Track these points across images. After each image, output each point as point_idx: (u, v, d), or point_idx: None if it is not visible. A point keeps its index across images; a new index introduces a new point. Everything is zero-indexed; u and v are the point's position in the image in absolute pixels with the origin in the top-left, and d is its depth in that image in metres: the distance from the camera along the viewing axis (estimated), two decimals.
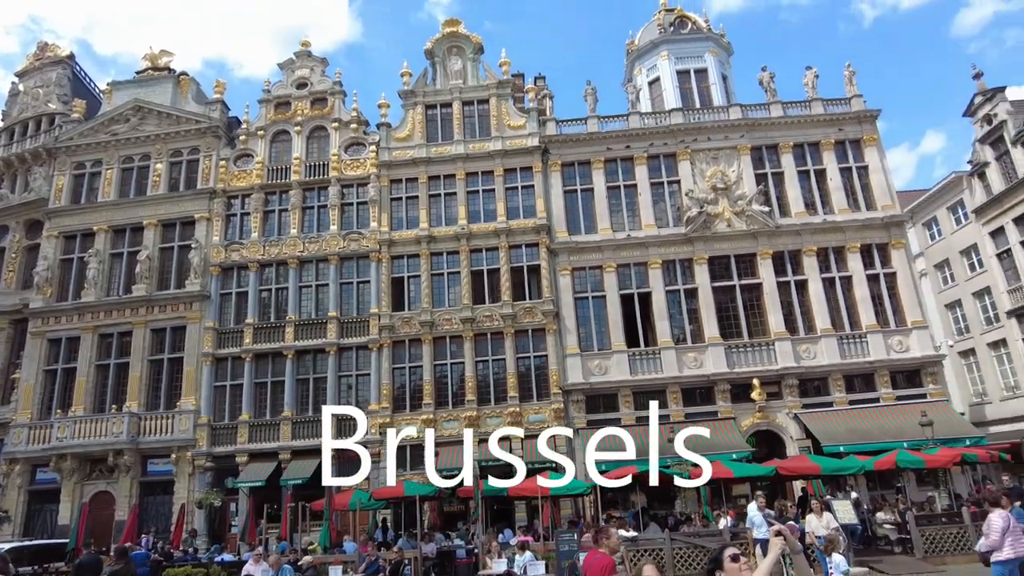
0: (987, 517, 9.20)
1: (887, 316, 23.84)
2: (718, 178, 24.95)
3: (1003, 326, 28.01)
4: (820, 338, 23.30)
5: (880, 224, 24.62)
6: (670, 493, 21.95)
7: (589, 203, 25.32)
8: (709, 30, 29.26)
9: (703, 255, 24.23)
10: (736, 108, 26.19)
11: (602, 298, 24.16)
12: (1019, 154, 26.50)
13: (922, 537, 14.91)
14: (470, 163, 25.71)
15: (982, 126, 28.45)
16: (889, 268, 24.35)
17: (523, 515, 21.86)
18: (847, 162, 25.60)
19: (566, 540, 14.88)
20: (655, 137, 25.64)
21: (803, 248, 24.32)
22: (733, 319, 23.88)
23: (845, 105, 26.29)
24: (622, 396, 22.93)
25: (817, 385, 23.19)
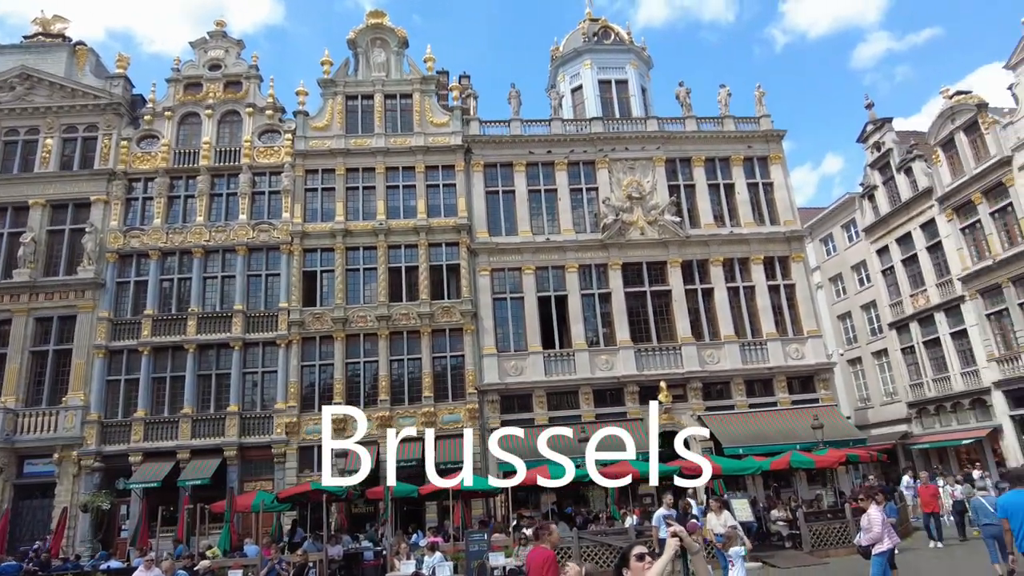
0: (866, 513, 9.88)
1: (786, 325, 25.33)
2: (634, 187, 25.72)
3: (885, 337, 30.44)
4: (724, 344, 24.46)
5: (782, 238, 26.13)
6: (580, 493, 22.44)
7: (510, 205, 25.47)
8: (631, 43, 30.13)
9: (617, 261, 24.90)
10: (653, 121, 27.10)
11: (520, 299, 24.35)
12: (903, 180, 28.87)
13: (810, 532, 15.90)
14: (391, 157, 25.28)
15: (872, 152, 30.80)
16: (789, 280, 25.87)
17: (434, 516, 21.67)
18: (754, 178, 27.02)
19: (476, 540, 14.86)
20: (576, 144, 26.13)
21: (711, 258, 25.44)
22: (643, 324, 24.67)
23: (754, 124, 27.73)
24: (536, 397, 23.20)
25: (720, 389, 24.30)
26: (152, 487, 20.55)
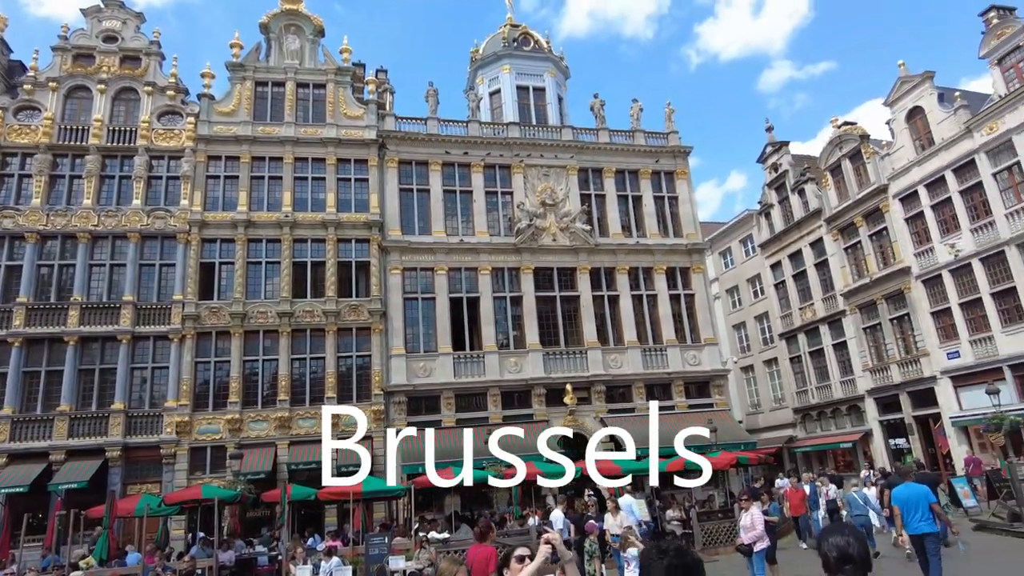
0: (749, 512, 10.47)
1: (685, 333, 26.47)
2: (547, 194, 26.13)
3: (776, 347, 32.44)
4: (627, 349, 25.25)
5: (684, 250, 27.30)
6: (486, 494, 22.47)
7: (425, 204, 25.22)
8: (550, 51, 30.62)
9: (530, 265, 25.19)
10: (568, 130, 27.65)
11: (432, 300, 24.13)
12: (796, 200, 30.91)
13: (702, 531, 16.65)
14: (300, 148, 24.40)
15: (770, 173, 32.80)
16: (689, 290, 27.06)
17: (333, 519, 21.04)
18: (661, 192, 28.10)
19: (376, 544, 14.57)
20: (493, 147, 26.23)
21: (617, 266, 26.22)
22: (553, 327, 25.07)
23: (663, 139, 28.86)
24: (445, 398, 23.04)
25: (622, 392, 25.06)
26: (18, 492, 18.77)
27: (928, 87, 24.62)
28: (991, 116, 22.06)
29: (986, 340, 22.28)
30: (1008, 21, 22.10)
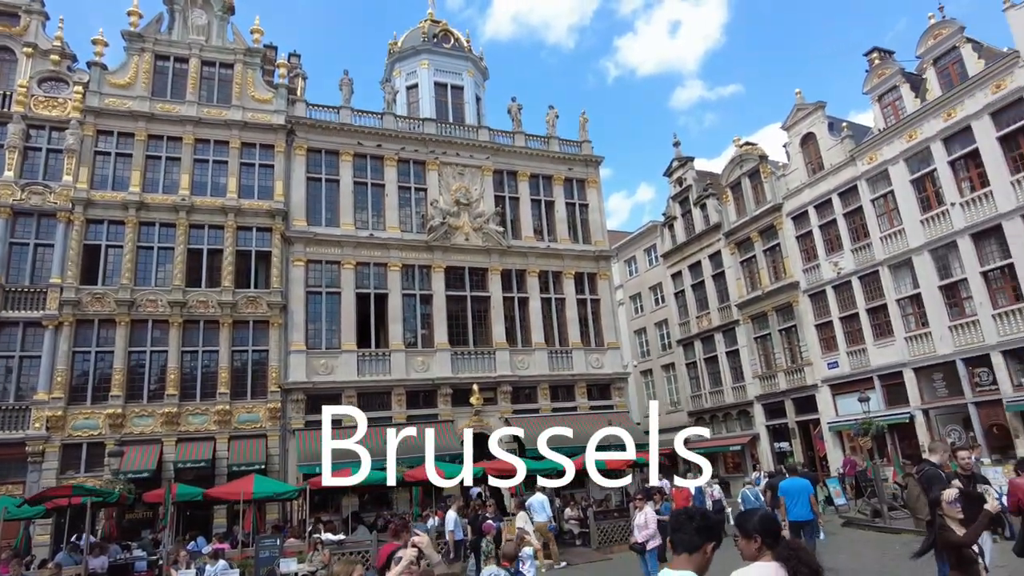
0: (643, 512, 10.82)
1: (590, 336, 27.10)
2: (462, 193, 26.03)
3: (673, 352, 33.83)
4: (535, 351, 25.55)
5: (593, 256, 27.97)
6: (385, 495, 22.03)
7: (334, 195, 24.45)
8: (470, 50, 30.56)
9: (441, 264, 24.98)
10: (485, 130, 27.68)
11: (337, 295, 23.42)
12: (698, 214, 32.40)
13: (598, 530, 17.06)
14: (202, 129, 23.02)
15: (675, 186, 34.23)
16: (596, 295, 27.74)
17: (223, 521, 19.96)
18: (572, 198, 28.66)
19: (267, 546, 13.96)
20: (408, 142, 25.83)
21: (528, 269, 26.49)
22: (462, 327, 24.98)
23: (577, 147, 29.47)
24: (346, 397, 22.40)
25: (528, 393, 25.31)
26: None
27: (820, 115, 26.48)
28: (871, 147, 24.00)
29: (860, 352, 24.19)
30: (887, 63, 24.13)
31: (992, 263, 20.28)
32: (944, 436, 20.40)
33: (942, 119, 21.62)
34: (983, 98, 20.44)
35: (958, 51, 21.46)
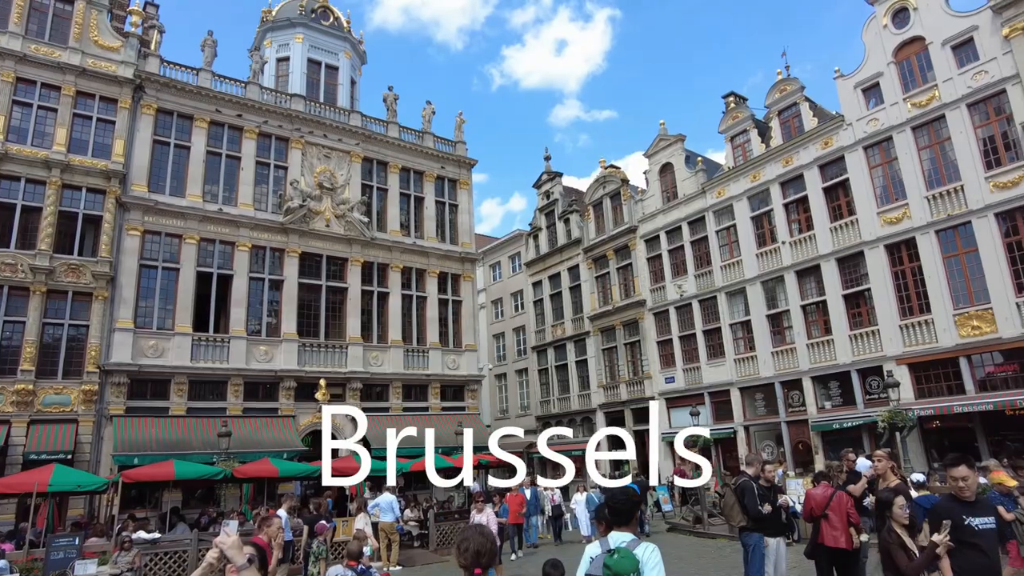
0: (483, 514, 10.86)
1: (448, 337, 26.98)
2: (326, 177, 24.91)
3: (528, 358, 34.62)
4: (390, 348, 24.97)
5: (458, 257, 27.91)
6: (213, 491, 20.42)
7: (182, 162, 22.35)
8: (349, 32, 29.43)
9: (297, 249, 23.70)
10: (357, 115, 26.73)
11: (175, 271, 21.41)
12: (562, 227, 33.47)
13: (437, 532, 16.89)
14: (27, 68, 20.06)
15: (543, 199, 35.13)
16: (458, 296, 27.70)
17: (11, 518, 17.38)
18: (443, 197, 28.46)
19: (61, 546, 12.33)
20: (272, 116, 24.28)
21: (391, 264, 25.88)
22: (314, 318, 23.84)
23: (451, 147, 29.31)
24: (176, 384, 20.51)
25: (379, 390, 24.67)
26: None
27: (679, 148, 28.37)
28: (721, 182, 26.09)
29: (695, 369, 26.13)
30: (741, 108, 26.39)
31: (810, 298, 22.75)
32: (759, 450, 22.52)
33: (781, 165, 23.97)
34: (814, 151, 22.92)
35: (798, 107, 23.93)
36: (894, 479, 6.41)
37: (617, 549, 3.52)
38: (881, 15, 21.31)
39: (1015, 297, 17.70)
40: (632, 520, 3.72)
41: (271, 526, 6.62)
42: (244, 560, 2.71)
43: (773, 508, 7.90)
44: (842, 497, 7.20)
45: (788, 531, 9.43)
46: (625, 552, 3.48)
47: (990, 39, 18.80)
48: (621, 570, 3.41)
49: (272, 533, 6.60)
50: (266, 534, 6.44)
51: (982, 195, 18.55)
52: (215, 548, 2.70)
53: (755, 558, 7.95)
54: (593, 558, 3.61)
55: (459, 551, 3.24)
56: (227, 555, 2.68)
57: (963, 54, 19.48)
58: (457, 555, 3.29)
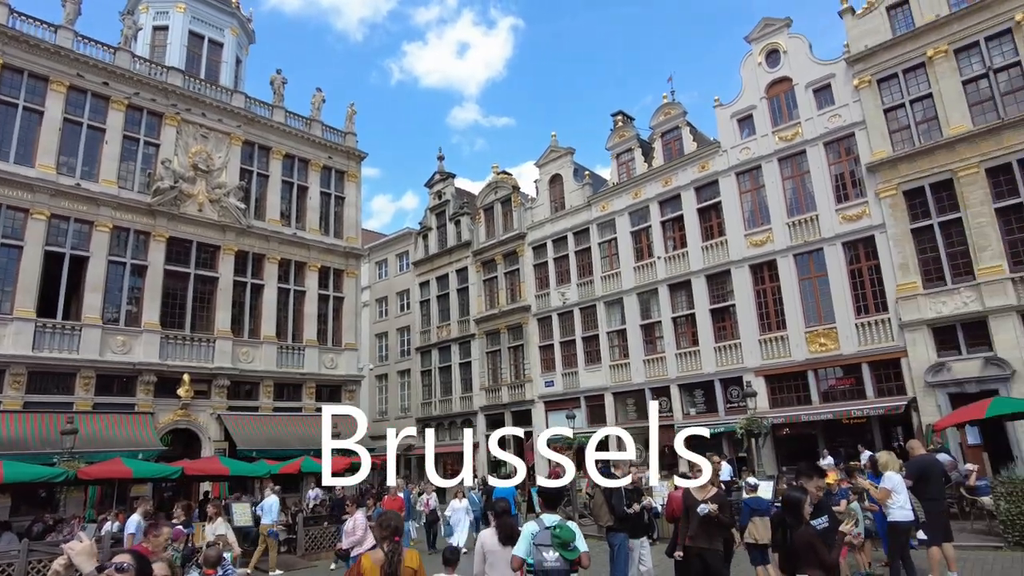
0: (353, 517, 10.55)
1: (327, 334, 26.06)
2: (202, 158, 23.33)
3: (411, 359, 34.18)
4: (262, 344, 23.74)
5: (342, 252, 27.07)
6: (52, 496, 18.41)
7: (32, 128, 20.01)
8: (238, 8, 27.81)
9: (164, 233, 21.98)
10: (241, 96, 25.28)
11: (18, 249, 19.16)
12: (452, 228, 33.40)
13: (305, 536, 16.21)
14: None
15: (435, 199, 34.90)
16: (340, 293, 26.84)
17: None
18: (329, 189, 27.51)
19: None
20: (145, 88, 22.40)
21: (268, 255, 24.64)
22: (179, 308, 22.20)
23: (341, 137, 28.41)
24: (13, 375, 18.32)
25: (249, 389, 23.37)
26: None
27: (568, 160, 29.19)
28: (605, 197, 27.11)
29: (573, 374, 26.93)
30: (628, 127, 27.59)
31: (681, 311, 24.14)
32: None
33: (661, 184, 25.28)
34: (692, 174, 24.39)
35: (680, 131, 25.38)
36: (712, 489, 6.94)
37: (558, 524, 4.90)
38: (757, 53, 23.09)
39: (855, 318, 19.75)
40: (559, 506, 5.23)
41: (159, 536, 5.59)
42: (93, 568, 2.43)
43: (641, 509, 8.28)
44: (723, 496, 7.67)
45: (650, 531, 9.93)
46: (564, 525, 4.91)
47: (844, 87, 20.91)
48: (567, 537, 4.84)
49: (159, 545, 5.55)
50: (152, 545, 5.45)
51: (832, 225, 20.56)
52: (63, 555, 2.43)
53: (620, 557, 8.30)
54: (534, 533, 4.90)
55: (380, 526, 4.69)
56: (75, 562, 2.41)
57: (823, 97, 21.52)
58: (378, 529, 4.70)
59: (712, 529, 6.77)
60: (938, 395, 17.76)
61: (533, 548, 4.85)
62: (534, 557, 4.85)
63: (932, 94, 19.22)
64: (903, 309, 18.72)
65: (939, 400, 17.67)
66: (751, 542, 8.29)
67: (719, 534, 6.86)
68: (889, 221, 19.37)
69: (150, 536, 5.62)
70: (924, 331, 18.33)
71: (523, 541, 4.89)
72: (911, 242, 19.01)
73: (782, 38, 22.53)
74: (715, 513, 6.67)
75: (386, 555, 4.42)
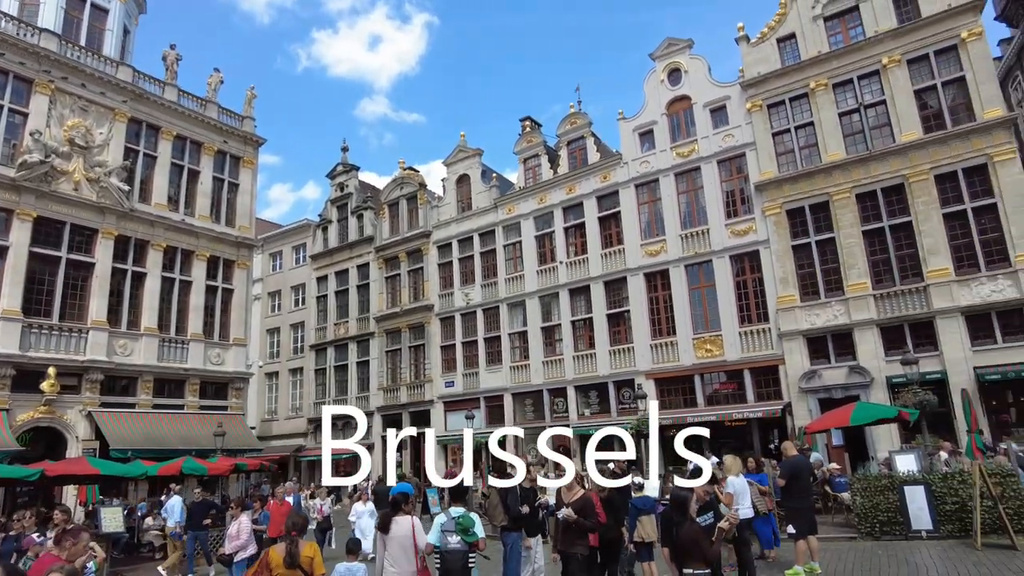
0: (237, 521, 9.99)
1: (214, 328, 24.64)
2: (80, 133, 21.43)
3: (304, 356, 32.95)
4: (142, 336, 22.12)
5: (233, 241, 25.70)
6: None
7: None
8: None
9: (31, 212, 19.98)
10: (128, 69, 23.45)
11: None
12: (354, 223, 32.56)
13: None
14: None
15: (336, 190, 33.88)
16: (230, 284, 25.47)
17: None
18: (223, 174, 26.07)
19: None
20: (12, 50, 20.27)
21: (153, 241, 23.01)
22: (47, 295, 20.25)
23: (238, 121, 27.00)
24: None
25: (125, 384, 21.70)
26: None
27: (477, 161, 29.25)
28: (511, 200, 27.38)
29: (474, 375, 26.97)
30: (535, 133, 28.01)
31: (580, 315, 24.77)
32: (525, 454, 23.86)
33: (565, 191, 25.85)
34: (594, 183, 25.10)
35: (584, 140, 26.06)
36: (580, 490, 7.05)
37: (462, 515, 5.93)
38: (660, 71, 24.12)
39: (739, 327, 21.04)
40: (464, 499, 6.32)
41: (79, 543, 4.89)
42: None
43: (532, 509, 8.38)
44: (592, 498, 7.85)
45: (544, 531, 10.08)
46: (466, 515, 5.95)
47: (738, 109, 22.27)
48: (468, 524, 5.83)
49: (76, 554, 4.82)
50: (68, 553, 4.78)
51: (722, 239, 21.81)
52: None
53: (513, 556, 8.38)
54: (443, 523, 5.85)
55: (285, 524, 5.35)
56: None
57: (718, 117, 22.80)
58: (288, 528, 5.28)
59: (571, 533, 6.73)
60: (809, 400, 19.25)
61: (440, 534, 5.83)
62: (441, 541, 5.82)
63: (814, 122, 20.87)
64: (782, 320, 20.15)
65: (810, 405, 19.16)
66: (638, 540, 8.57)
67: (578, 539, 6.78)
68: (773, 237, 20.81)
69: (67, 544, 4.89)
70: (800, 341, 19.83)
71: (434, 530, 5.89)
72: (791, 258, 20.52)
73: (684, 58, 23.68)
74: (571, 518, 6.64)
75: (287, 547, 5.12)
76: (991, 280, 17.47)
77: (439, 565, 5.87)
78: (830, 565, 9.64)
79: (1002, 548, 9.91)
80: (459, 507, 6.08)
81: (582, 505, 6.77)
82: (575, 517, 6.64)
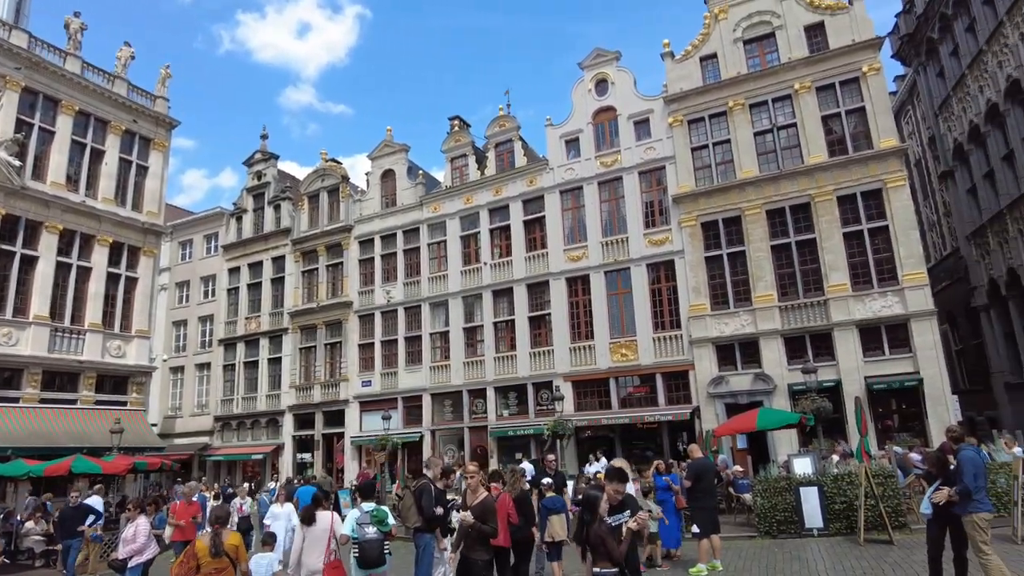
0: (133, 523, 9.40)
1: (115, 319, 23.18)
2: None
3: (212, 351, 31.45)
4: (31, 324, 20.52)
5: (140, 227, 24.28)
6: None
7: None
8: None
9: None
10: (23, 35, 21.71)
11: None
12: (271, 213, 31.39)
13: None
14: None
15: (253, 179, 32.56)
16: (134, 272, 24.04)
17: None
18: (130, 156, 24.60)
19: None
20: None
21: (47, 223, 21.42)
22: None
23: (150, 100, 25.53)
24: None
25: (9, 376, 20.06)
26: None
27: (403, 157, 28.84)
28: (437, 199, 27.19)
29: (392, 374, 26.55)
30: (463, 133, 27.94)
31: (502, 316, 24.89)
32: (442, 454, 23.73)
33: (492, 193, 25.92)
34: (521, 186, 25.31)
35: (512, 144, 26.24)
36: (484, 492, 7.08)
37: (375, 508, 6.66)
38: (588, 80, 24.62)
39: (653, 333, 21.75)
40: (373, 495, 7.40)
41: None
42: None
43: (446, 510, 8.32)
44: (505, 499, 7.89)
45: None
46: (379, 508, 6.69)
47: (660, 123, 23.03)
48: (382, 516, 6.61)
49: None
50: None
51: (640, 248, 22.50)
52: None
53: (425, 557, 8.29)
54: (357, 516, 6.57)
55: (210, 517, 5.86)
56: None
57: (641, 130, 23.51)
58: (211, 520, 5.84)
59: (470, 538, 6.59)
60: (717, 404, 20.13)
61: (356, 527, 6.49)
62: (358, 532, 6.46)
63: (730, 140, 21.87)
64: (693, 327, 20.99)
65: (717, 409, 20.04)
66: (548, 540, 8.70)
67: (479, 544, 6.58)
68: (687, 248, 21.65)
69: None
70: (709, 348, 20.71)
71: (348, 522, 6.62)
72: (704, 269, 21.41)
73: (611, 69, 24.27)
74: (467, 523, 6.51)
75: (211, 536, 5.60)
76: (882, 296, 18.88)
77: (357, 554, 6.54)
78: (731, 563, 10.10)
79: (882, 543, 10.71)
80: (370, 503, 6.81)
81: (482, 510, 6.61)
82: (471, 521, 6.48)
